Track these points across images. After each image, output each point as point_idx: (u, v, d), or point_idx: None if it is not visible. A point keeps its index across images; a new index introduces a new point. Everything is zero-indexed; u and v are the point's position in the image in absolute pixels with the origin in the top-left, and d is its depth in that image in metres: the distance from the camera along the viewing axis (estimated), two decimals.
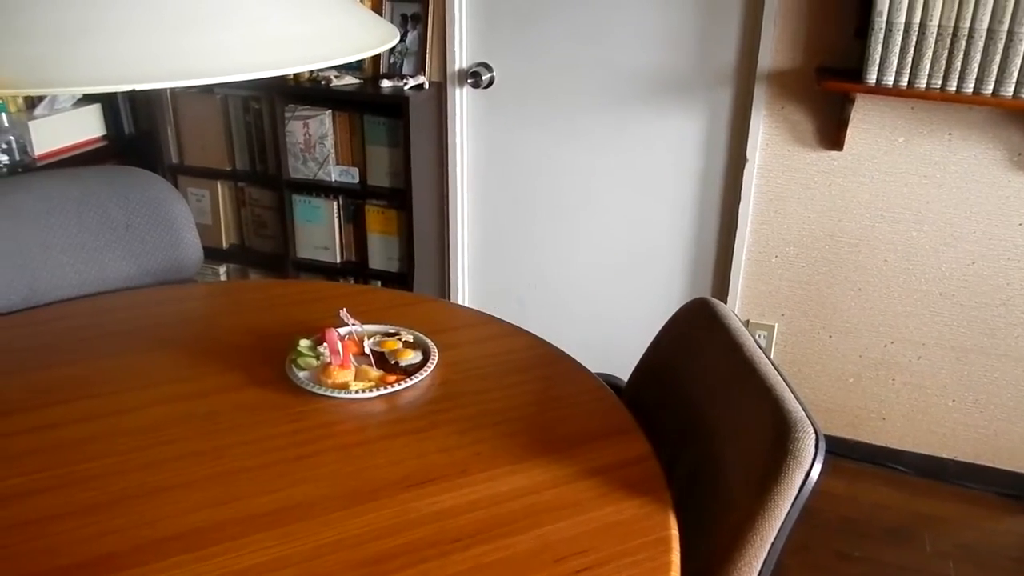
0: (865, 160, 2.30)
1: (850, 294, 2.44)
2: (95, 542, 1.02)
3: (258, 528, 1.05)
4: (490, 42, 2.55)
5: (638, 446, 1.24)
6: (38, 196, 1.74)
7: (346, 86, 2.52)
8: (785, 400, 1.15)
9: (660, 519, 1.10)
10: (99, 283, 1.78)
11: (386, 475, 1.15)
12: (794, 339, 2.54)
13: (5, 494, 1.10)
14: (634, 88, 2.48)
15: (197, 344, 1.50)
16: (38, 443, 1.21)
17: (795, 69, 2.27)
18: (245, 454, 1.20)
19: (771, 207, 2.42)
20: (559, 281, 2.78)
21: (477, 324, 1.61)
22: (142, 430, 1.25)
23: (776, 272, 2.49)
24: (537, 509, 1.10)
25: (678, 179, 2.53)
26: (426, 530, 1.05)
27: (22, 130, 2.53)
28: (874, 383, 2.52)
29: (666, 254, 2.63)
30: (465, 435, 1.25)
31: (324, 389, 1.34)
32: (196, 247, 1.87)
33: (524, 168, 2.67)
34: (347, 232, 2.71)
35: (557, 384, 1.41)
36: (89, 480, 1.13)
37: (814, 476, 1.07)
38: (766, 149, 2.37)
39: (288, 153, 2.64)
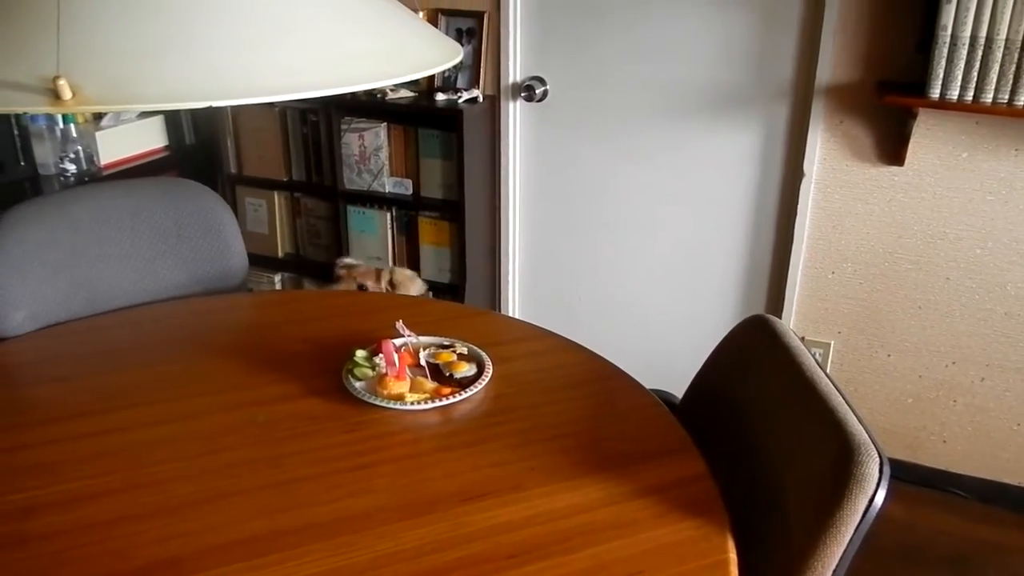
0: (927, 176, 2.24)
1: (910, 312, 2.38)
2: (161, 545, 1.05)
3: (316, 538, 1.06)
4: (544, 56, 2.56)
5: (694, 465, 1.23)
6: (94, 208, 1.79)
7: (401, 99, 2.55)
8: (847, 422, 1.12)
9: (718, 542, 1.08)
10: (153, 291, 1.83)
11: (441, 488, 1.16)
12: (850, 357, 2.49)
13: (75, 496, 1.14)
14: (688, 102, 2.46)
15: (256, 352, 1.52)
16: (106, 446, 1.25)
17: (854, 83, 2.23)
18: (303, 463, 1.21)
19: (828, 222, 2.38)
20: (610, 295, 2.76)
21: (531, 337, 1.61)
22: (204, 436, 1.27)
23: (833, 288, 2.44)
24: (592, 527, 1.09)
25: (732, 194, 2.51)
26: (481, 545, 1.05)
27: (89, 140, 2.62)
28: (934, 404, 2.45)
29: (719, 269, 2.60)
30: (519, 449, 1.25)
31: (380, 400, 1.35)
32: (242, 256, 1.92)
33: (576, 181, 2.67)
34: (400, 243, 2.73)
35: (612, 400, 1.40)
36: (155, 484, 1.16)
37: (878, 502, 1.04)
38: (824, 164, 2.33)
39: (343, 164, 2.68)
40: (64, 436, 1.28)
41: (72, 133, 2.58)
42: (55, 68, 0.67)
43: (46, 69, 0.67)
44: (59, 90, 0.66)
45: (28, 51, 0.68)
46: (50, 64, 0.68)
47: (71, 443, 1.26)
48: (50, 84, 0.67)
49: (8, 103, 0.65)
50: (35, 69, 0.67)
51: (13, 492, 1.14)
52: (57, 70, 0.67)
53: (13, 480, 1.17)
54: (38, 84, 0.67)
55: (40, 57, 0.67)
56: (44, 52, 0.68)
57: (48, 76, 0.67)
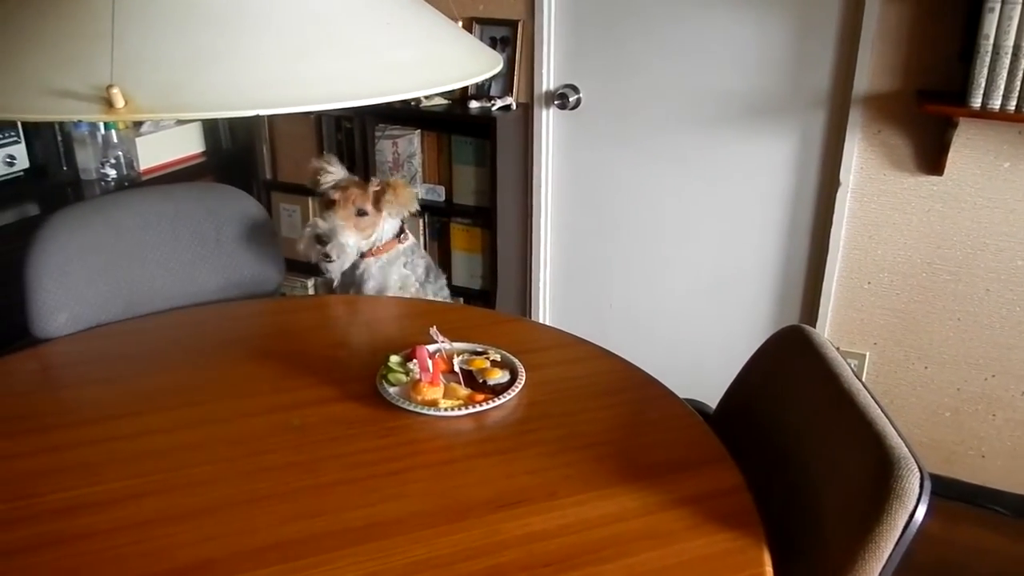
0: (967, 186, 2.21)
1: (948, 324, 2.34)
2: (197, 547, 1.06)
3: (351, 542, 1.07)
4: (578, 64, 2.56)
5: (730, 476, 1.22)
6: (136, 212, 1.82)
7: (435, 107, 2.57)
8: (887, 435, 1.11)
9: (754, 555, 1.07)
10: (191, 295, 1.85)
11: (475, 495, 1.16)
12: (886, 369, 2.45)
13: (114, 496, 1.16)
14: (723, 110, 2.45)
15: (291, 357, 1.54)
16: (143, 448, 1.27)
17: (893, 92, 2.20)
18: (338, 467, 1.22)
19: (865, 232, 2.35)
20: (641, 303, 2.75)
21: (563, 345, 1.60)
22: (240, 439, 1.29)
23: (869, 299, 2.41)
24: (627, 537, 1.08)
25: (767, 202, 2.49)
26: (516, 553, 1.05)
27: (129, 146, 2.67)
28: (973, 418, 2.40)
29: (752, 278, 2.58)
30: (553, 457, 1.25)
31: (414, 405, 1.36)
32: (279, 261, 1.94)
33: (609, 189, 2.66)
34: (432, 249, 2.75)
35: (646, 409, 1.39)
36: (192, 486, 1.18)
37: (919, 517, 1.02)
38: (861, 173, 2.30)
39: (377, 171, 2.70)
40: (103, 437, 1.30)
41: (113, 139, 2.63)
42: (109, 77, 0.69)
43: (100, 78, 0.69)
44: (112, 98, 0.68)
45: (83, 61, 0.70)
46: (104, 73, 0.69)
47: (110, 444, 1.28)
48: (103, 93, 0.68)
49: (64, 111, 0.67)
50: (89, 78, 0.69)
51: (55, 491, 1.16)
52: (111, 79, 0.68)
53: (55, 479, 1.19)
54: (92, 93, 0.68)
55: (94, 67, 0.69)
56: (98, 62, 0.70)
57: (102, 85, 0.68)
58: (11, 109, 0.68)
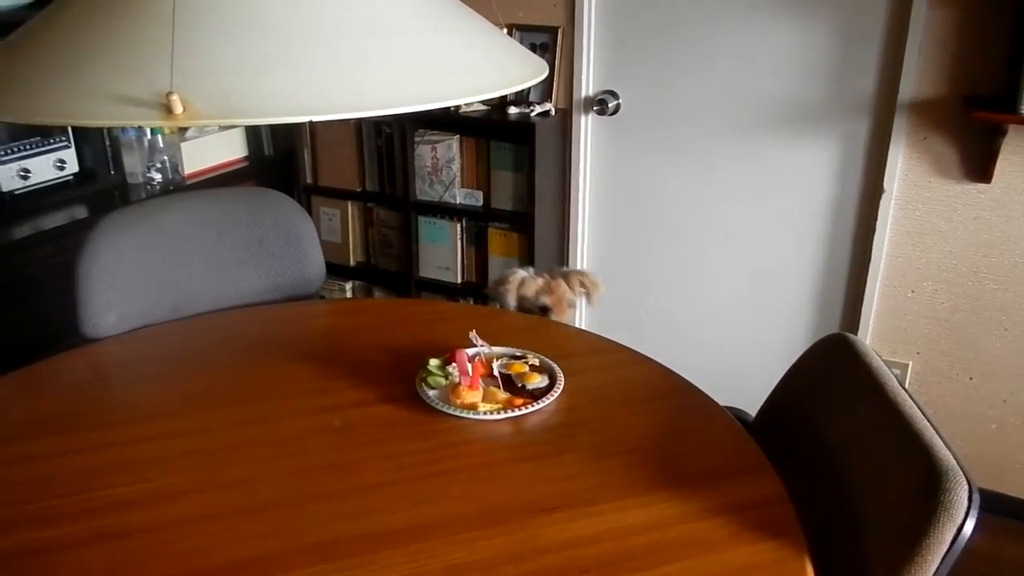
0: (1016, 194, 2.16)
1: (995, 334, 2.29)
2: (242, 545, 1.08)
3: (392, 543, 1.08)
4: (617, 70, 2.56)
5: (771, 486, 1.21)
6: (182, 216, 1.86)
7: (474, 112, 2.59)
8: (934, 446, 1.09)
9: (795, 566, 1.05)
10: (235, 297, 1.88)
11: (515, 499, 1.16)
12: (930, 379, 2.41)
13: (161, 493, 1.18)
14: (764, 116, 2.43)
15: (332, 358, 1.56)
16: (190, 447, 1.29)
17: (940, 98, 2.16)
18: (379, 469, 1.23)
19: (909, 240, 2.31)
20: (679, 309, 2.74)
21: (602, 351, 1.60)
22: (285, 439, 1.31)
23: (912, 308, 2.37)
24: (665, 545, 1.08)
25: (808, 209, 2.46)
26: (555, 558, 1.05)
27: (174, 151, 2.73)
28: (1020, 431, 2.34)
29: (793, 286, 2.55)
30: (592, 463, 1.25)
31: (453, 409, 1.37)
32: (320, 264, 1.96)
33: (647, 194, 2.66)
34: (468, 254, 2.76)
35: (685, 416, 1.39)
36: (237, 484, 1.20)
37: (967, 531, 1.00)
38: (905, 180, 2.27)
39: (416, 176, 2.72)
40: (151, 435, 1.33)
41: (159, 144, 2.69)
42: (168, 84, 0.70)
43: (160, 84, 0.71)
44: (171, 105, 0.70)
45: (144, 68, 0.72)
46: (164, 80, 0.71)
47: (158, 442, 1.31)
48: (163, 99, 0.70)
49: (126, 117, 0.69)
50: (150, 85, 0.70)
51: (104, 488, 1.19)
52: (171, 85, 0.70)
53: (104, 476, 1.22)
54: (152, 99, 0.70)
55: (155, 74, 0.71)
56: (158, 69, 0.72)
57: (162, 91, 0.70)
58: (75, 115, 0.70)
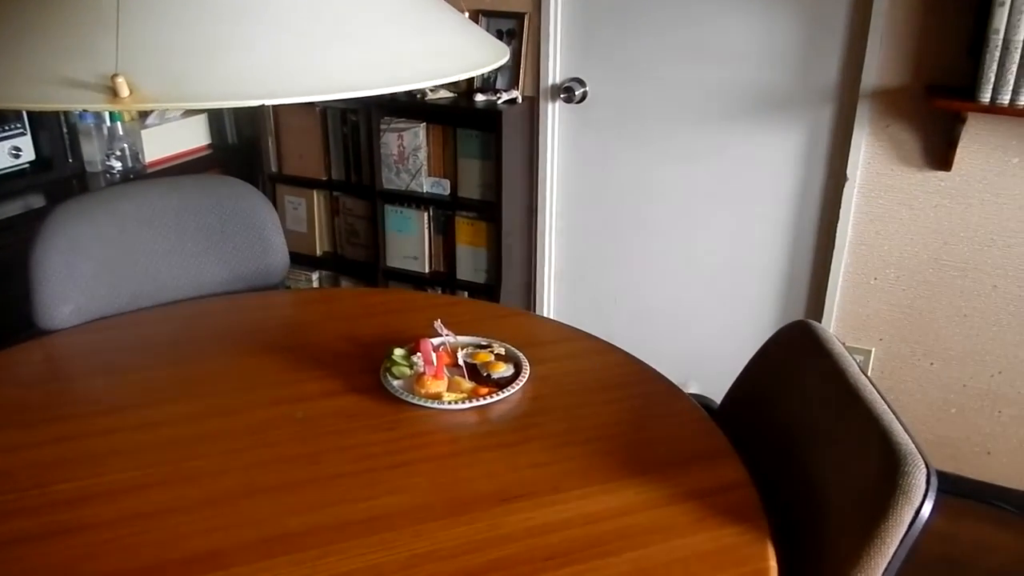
0: (975, 181, 2.20)
1: (955, 320, 2.33)
2: (203, 538, 1.06)
3: (354, 534, 1.07)
4: (584, 57, 2.55)
5: (734, 471, 1.21)
6: (141, 204, 1.82)
7: (441, 100, 2.56)
8: (893, 431, 1.10)
9: (758, 549, 1.06)
10: (196, 287, 1.85)
11: (479, 488, 1.16)
12: (892, 365, 2.44)
13: (121, 487, 1.16)
14: (730, 104, 2.44)
15: (295, 349, 1.54)
16: (149, 439, 1.27)
17: (902, 87, 2.19)
18: (341, 460, 1.22)
19: (871, 228, 2.34)
20: (646, 298, 2.75)
21: (568, 339, 1.60)
22: (245, 431, 1.29)
23: (875, 295, 2.40)
24: (630, 531, 1.08)
25: (773, 197, 2.48)
26: (519, 546, 1.05)
27: (135, 138, 2.67)
28: (979, 415, 2.39)
29: (758, 274, 2.57)
30: (557, 451, 1.24)
31: (417, 399, 1.36)
32: (284, 253, 1.94)
33: (615, 183, 2.66)
34: (436, 243, 2.74)
35: (650, 403, 1.39)
36: (197, 478, 1.18)
37: (925, 514, 1.02)
38: (868, 168, 2.29)
39: (382, 164, 2.69)
40: (110, 428, 1.30)
41: (119, 131, 2.63)
42: (114, 66, 0.68)
43: (105, 67, 0.68)
44: (117, 88, 0.68)
45: (87, 49, 0.69)
46: (109, 62, 0.69)
47: (116, 435, 1.28)
48: (108, 82, 0.68)
49: (68, 100, 0.67)
50: (94, 67, 0.68)
51: (61, 482, 1.17)
52: (116, 68, 0.68)
53: (61, 470, 1.19)
54: (97, 82, 0.68)
55: (99, 55, 0.69)
56: (103, 50, 0.69)
57: (107, 74, 0.68)
58: (14, 98, 0.67)
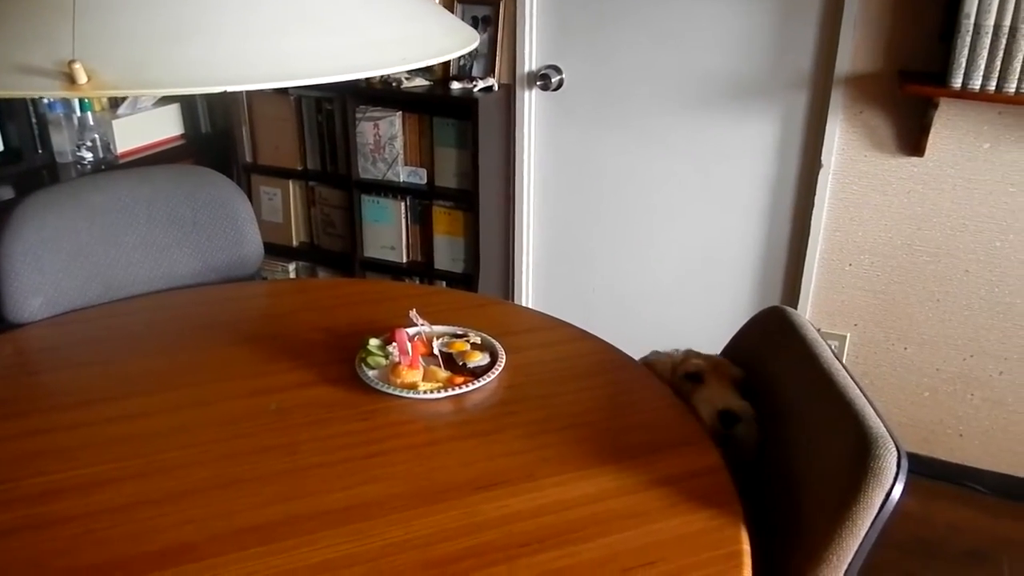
0: (947, 167, 2.22)
1: (928, 305, 2.36)
2: (176, 530, 1.05)
3: (329, 524, 1.06)
4: (560, 45, 2.54)
5: (708, 457, 1.22)
6: (111, 195, 1.80)
7: (416, 88, 2.55)
8: (865, 415, 1.11)
9: (731, 533, 1.07)
10: (168, 279, 1.83)
11: (454, 476, 1.16)
12: (867, 350, 2.47)
13: (93, 480, 1.15)
14: (706, 92, 2.44)
15: (271, 340, 1.53)
16: (122, 432, 1.26)
17: (875, 73, 2.20)
18: (317, 450, 1.21)
19: (846, 214, 2.36)
20: (624, 286, 2.75)
21: (545, 328, 1.60)
22: (220, 423, 1.28)
23: (849, 281, 2.42)
24: (605, 517, 1.09)
25: (749, 184, 2.49)
26: (494, 533, 1.05)
27: (106, 128, 2.63)
28: (951, 398, 2.42)
29: (735, 260, 2.59)
30: (533, 439, 1.25)
31: (393, 388, 1.35)
32: (258, 244, 1.92)
33: (592, 171, 2.66)
34: (413, 232, 2.73)
35: (626, 391, 1.39)
36: (171, 470, 1.17)
37: (895, 496, 1.03)
38: (842, 154, 2.31)
39: (358, 153, 2.68)
40: (81, 422, 1.28)
41: (89, 121, 2.59)
42: (71, 52, 0.67)
43: (62, 53, 0.67)
44: (74, 74, 0.66)
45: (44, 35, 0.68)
46: (66, 48, 0.67)
47: (88, 429, 1.27)
48: (65, 68, 0.66)
49: (24, 87, 0.65)
50: (51, 53, 0.67)
51: (32, 476, 1.15)
52: (72, 54, 0.67)
53: (33, 464, 1.18)
54: (54, 68, 0.67)
55: (56, 41, 0.67)
56: (60, 36, 0.68)
57: (64, 60, 0.67)
58: None
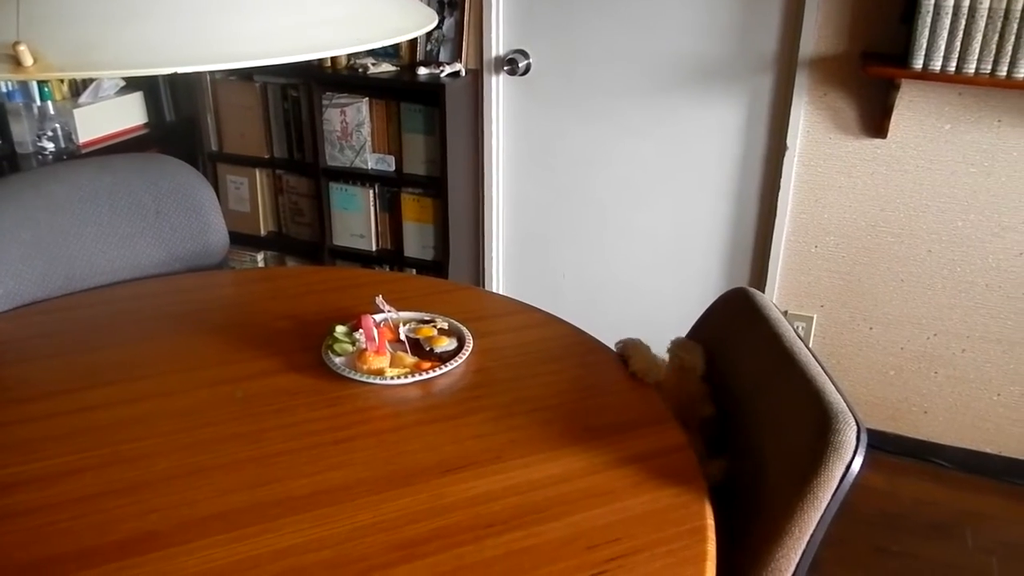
0: (910, 148, 2.25)
1: (892, 285, 2.40)
2: (139, 520, 1.04)
3: (295, 510, 1.06)
4: (527, 29, 2.53)
5: (673, 436, 1.23)
6: (71, 185, 1.77)
7: (383, 73, 2.53)
8: (826, 391, 1.13)
9: (696, 508, 1.09)
10: (131, 269, 1.81)
11: (421, 460, 1.16)
12: (833, 331, 2.50)
13: (55, 472, 1.13)
14: (673, 75, 2.45)
15: (236, 329, 1.52)
16: (85, 423, 1.24)
17: (838, 55, 2.22)
18: (283, 437, 1.21)
19: (811, 196, 2.38)
20: (594, 269, 2.76)
21: (513, 312, 1.60)
22: (184, 412, 1.27)
23: (816, 262, 2.45)
24: (571, 497, 1.10)
25: (717, 167, 2.50)
26: (461, 515, 1.05)
27: (67, 118, 2.59)
28: (916, 376, 2.47)
29: (703, 243, 2.60)
30: (500, 422, 1.25)
31: (360, 375, 1.35)
32: (223, 232, 1.90)
33: (561, 156, 2.66)
34: (383, 220, 2.72)
35: (593, 373, 1.40)
36: (133, 460, 1.16)
37: (855, 468, 1.05)
38: (807, 136, 2.33)
39: (325, 141, 2.65)
40: (43, 414, 1.27)
41: (50, 110, 2.54)
42: (15, 34, 0.66)
43: (6, 35, 0.66)
44: (20, 56, 0.65)
45: None
46: (10, 30, 0.66)
47: (50, 420, 1.25)
48: (10, 50, 0.65)
49: None
50: None
51: None
52: (17, 36, 0.65)
53: None
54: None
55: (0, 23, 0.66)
56: (4, 18, 0.67)
57: (8, 42, 0.65)
58: None
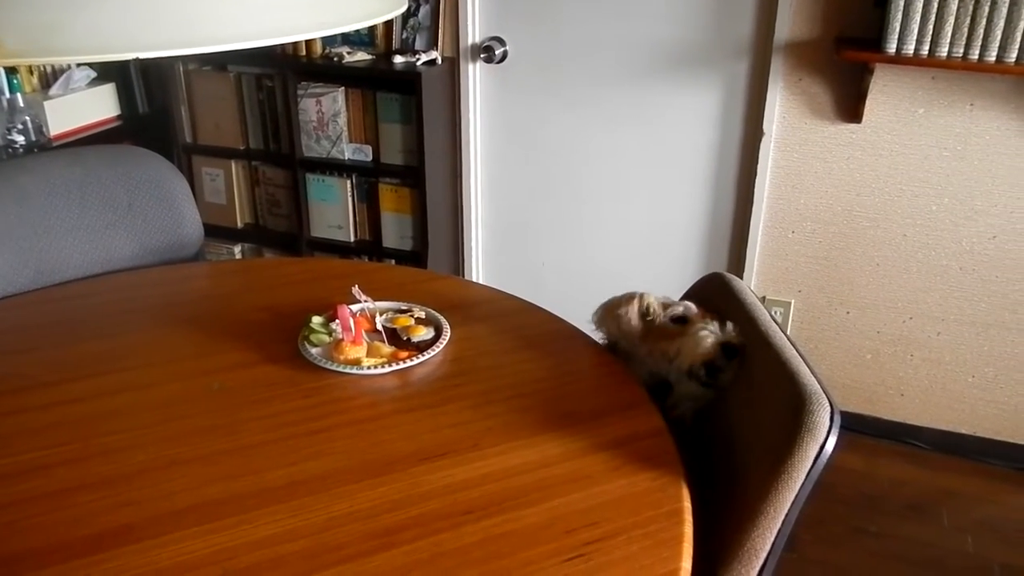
0: (884, 132, 2.26)
1: (868, 269, 2.42)
2: (114, 513, 1.04)
3: (272, 501, 1.06)
4: (503, 16, 2.52)
5: (650, 420, 1.24)
6: (41, 178, 1.74)
7: (359, 62, 2.51)
8: (800, 374, 1.14)
9: (673, 492, 1.09)
10: (104, 263, 1.79)
11: (398, 449, 1.16)
12: (811, 315, 2.52)
13: (29, 466, 1.12)
14: (649, 62, 2.45)
15: (212, 321, 1.50)
16: (58, 417, 1.23)
17: (813, 40, 2.23)
18: (259, 429, 1.20)
19: (788, 181, 2.40)
20: (573, 257, 2.77)
21: (490, 300, 1.60)
22: (159, 405, 1.26)
23: (793, 248, 2.46)
24: (548, 482, 1.10)
25: (694, 154, 2.51)
26: (438, 502, 1.05)
27: (38, 110, 2.55)
28: (892, 359, 2.49)
29: (681, 230, 2.61)
30: (477, 410, 1.25)
31: (336, 365, 1.34)
32: (197, 225, 1.88)
33: (539, 143, 2.65)
34: (361, 211, 2.71)
35: (570, 359, 1.41)
36: (108, 453, 1.15)
37: (829, 449, 1.06)
38: (783, 122, 2.34)
39: (301, 131, 2.63)
40: (16, 408, 1.25)
41: (19, 103, 2.50)
42: None
43: None
44: None
45: None
46: None
47: (23, 415, 1.24)
48: None
49: None
50: None
51: None
52: None
53: None
54: None
55: None
56: None
57: None
58: None
